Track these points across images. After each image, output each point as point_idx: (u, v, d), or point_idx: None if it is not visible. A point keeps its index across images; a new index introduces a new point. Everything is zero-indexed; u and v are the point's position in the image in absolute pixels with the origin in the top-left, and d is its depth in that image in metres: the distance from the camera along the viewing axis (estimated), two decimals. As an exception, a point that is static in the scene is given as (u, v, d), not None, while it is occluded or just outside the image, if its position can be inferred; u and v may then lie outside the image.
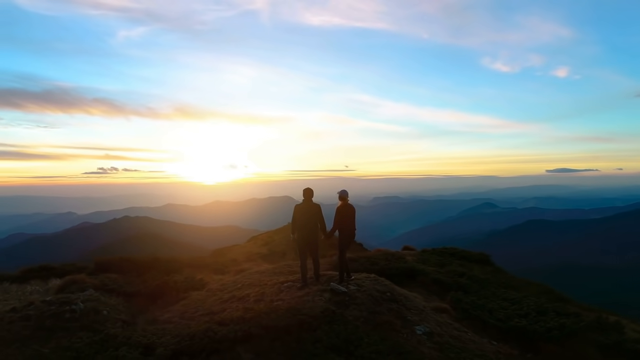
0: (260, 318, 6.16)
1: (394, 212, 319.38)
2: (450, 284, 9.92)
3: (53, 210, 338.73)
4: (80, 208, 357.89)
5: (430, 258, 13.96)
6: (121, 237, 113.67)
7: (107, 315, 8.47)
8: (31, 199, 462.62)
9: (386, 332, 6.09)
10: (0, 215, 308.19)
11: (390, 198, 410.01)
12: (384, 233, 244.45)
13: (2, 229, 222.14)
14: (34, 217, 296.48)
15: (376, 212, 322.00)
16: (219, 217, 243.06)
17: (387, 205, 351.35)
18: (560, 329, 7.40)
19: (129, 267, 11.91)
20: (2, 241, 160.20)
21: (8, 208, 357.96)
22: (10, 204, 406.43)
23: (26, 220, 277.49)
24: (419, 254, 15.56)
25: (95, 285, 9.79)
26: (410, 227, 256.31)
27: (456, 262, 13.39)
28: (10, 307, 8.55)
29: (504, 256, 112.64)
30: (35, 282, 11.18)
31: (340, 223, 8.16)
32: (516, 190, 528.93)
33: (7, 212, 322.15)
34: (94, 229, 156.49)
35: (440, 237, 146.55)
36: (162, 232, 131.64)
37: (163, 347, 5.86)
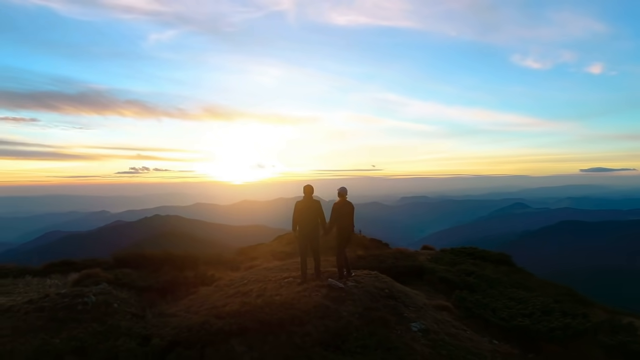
0: (255, 312, 6.27)
1: (422, 212, 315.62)
2: (457, 282, 9.81)
3: (88, 208, 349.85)
4: (114, 207, 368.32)
5: (444, 257, 13.83)
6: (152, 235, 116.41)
7: (117, 308, 8.76)
8: (67, 198, 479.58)
9: (378, 328, 6.10)
10: (38, 213, 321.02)
11: (418, 198, 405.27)
12: (412, 233, 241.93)
13: (39, 227, 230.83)
14: (69, 216, 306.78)
15: (404, 212, 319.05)
16: (247, 216, 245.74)
17: (415, 205, 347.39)
18: (564, 329, 7.24)
19: (145, 262, 12.26)
20: (39, 238, 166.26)
21: (45, 206, 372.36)
22: (48, 202, 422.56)
23: (62, 219, 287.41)
24: (434, 253, 15.44)
25: (109, 279, 10.14)
26: (438, 228, 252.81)
27: (469, 262, 13.21)
28: (27, 299, 8.96)
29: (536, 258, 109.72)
30: (56, 276, 11.66)
31: (336, 220, 8.20)
32: (549, 190, 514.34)
33: (45, 211, 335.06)
34: (126, 227, 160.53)
35: (469, 238, 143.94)
36: (192, 230, 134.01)
37: (159, 338, 6.05)
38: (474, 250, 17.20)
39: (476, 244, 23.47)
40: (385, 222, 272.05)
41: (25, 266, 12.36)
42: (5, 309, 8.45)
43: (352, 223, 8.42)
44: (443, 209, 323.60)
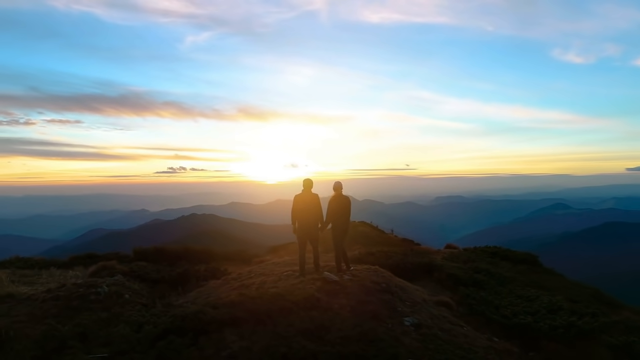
0: (247, 303, 6.40)
1: (458, 212, 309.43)
2: (465, 279, 9.64)
3: (128, 207, 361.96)
4: (152, 206, 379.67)
5: (461, 256, 13.60)
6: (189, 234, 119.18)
7: (128, 298, 9.13)
8: (109, 197, 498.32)
9: (367, 321, 6.09)
10: (82, 211, 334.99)
11: (453, 198, 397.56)
12: (447, 234, 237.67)
13: (83, 225, 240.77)
14: (111, 214, 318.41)
15: (438, 212, 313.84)
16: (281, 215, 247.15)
17: (450, 205, 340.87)
18: (567, 327, 7.02)
19: (162, 256, 12.67)
20: (83, 236, 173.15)
21: (89, 205, 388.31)
22: (91, 201, 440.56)
23: (104, 217, 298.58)
24: (453, 251, 15.19)
25: (124, 271, 10.55)
26: (474, 228, 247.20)
27: (486, 260, 12.95)
28: (46, 288, 9.45)
29: (577, 260, 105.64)
30: (79, 268, 12.20)
31: (333, 215, 8.22)
32: (592, 189, 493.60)
33: (88, 209, 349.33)
34: (164, 225, 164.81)
35: (507, 239, 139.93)
36: (227, 229, 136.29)
37: (153, 325, 6.26)
38: (497, 249, 16.82)
39: (513, 245, 22.76)
40: (420, 222, 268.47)
41: (51, 259, 13.00)
42: (25, 297, 8.95)
43: (348, 217, 8.42)
44: (479, 209, 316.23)
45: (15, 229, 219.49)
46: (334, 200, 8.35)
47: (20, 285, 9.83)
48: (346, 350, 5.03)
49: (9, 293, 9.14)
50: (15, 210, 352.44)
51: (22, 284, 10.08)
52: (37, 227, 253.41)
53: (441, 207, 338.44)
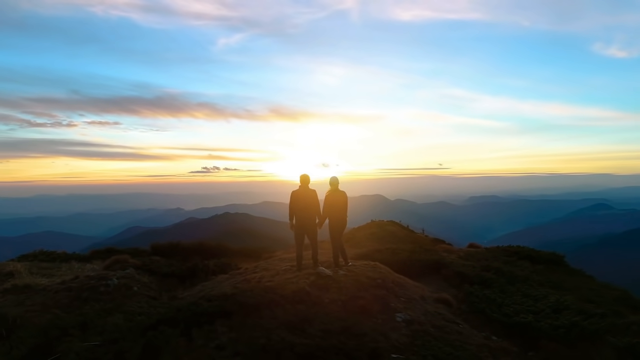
0: (238, 296, 6.48)
1: (492, 212, 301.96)
2: (472, 277, 9.42)
3: (164, 206, 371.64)
4: (187, 204, 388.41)
5: (476, 254, 13.28)
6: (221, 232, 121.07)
7: (136, 291, 9.41)
8: (146, 196, 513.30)
9: (355, 316, 6.06)
10: (121, 210, 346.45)
11: (487, 197, 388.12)
12: (481, 234, 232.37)
13: (122, 223, 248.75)
14: (148, 213, 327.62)
15: (472, 212, 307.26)
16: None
17: (485, 205, 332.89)
18: (570, 327, 6.75)
19: (177, 251, 12.97)
20: (122, 233, 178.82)
21: (127, 204, 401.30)
22: (129, 200, 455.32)
23: (141, 215, 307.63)
24: (470, 250, 14.87)
25: (137, 265, 10.85)
26: (510, 229, 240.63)
27: (502, 259, 12.60)
28: (61, 280, 9.85)
29: (620, 263, 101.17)
30: (97, 262, 12.66)
31: (328, 210, 8.19)
32: (637, 189, 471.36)
33: (126, 208, 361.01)
34: (198, 224, 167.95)
35: (544, 240, 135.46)
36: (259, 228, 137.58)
37: (146, 316, 6.42)
38: (520, 249, 16.37)
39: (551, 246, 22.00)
40: (453, 222, 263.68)
41: (72, 253, 13.51)
42: (41, 288, 9.36)
43: (345, 212, 8.38)
44: (515, 209, 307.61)
45: (58, 227, 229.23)
46: (330, 195, 8.32)
47: (38, 277, 10.27)
48: (325, 343, 5.03)
49: (26, 284, 9.58)
50: (58, 209, 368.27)
51: (41, 275, 10.53)
52: (79, 225, 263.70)
53: (475, 207, 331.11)
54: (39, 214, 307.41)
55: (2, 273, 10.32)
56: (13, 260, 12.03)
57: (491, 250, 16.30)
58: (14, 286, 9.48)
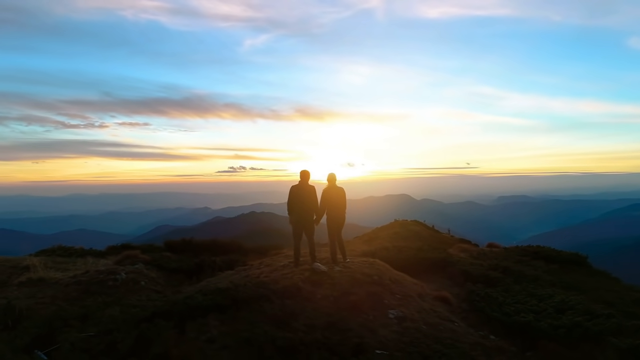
0: (231, 290, 6.55)
1: (522, 212, 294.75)
2: (477, 276, 9.24)
3: (192, 205, 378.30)
4: (214, 204, 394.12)
5: (489, 253, 13.03)
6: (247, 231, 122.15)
7: (143, 285, 9.63)
8: (174, 195, 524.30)
9: (344, 311, 6.03)
10: (150, 209, 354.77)
11: (517, 197, 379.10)
12: (510, 235, 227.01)
13: (151, 221, 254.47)
14: (176, 211, 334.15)
15: (501, 212, 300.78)
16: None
17: (514, 205, 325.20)
18: (571, 328, 6.54)
19: (189, 247, 13.20)
20: (151, 232, 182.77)
21: (156, 203, 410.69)
22: (158, 199, 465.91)
23: (170, 214, 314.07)
24: (481, 249, 14.60)
25: (146, 260, 11.09)
26: (540, 230, 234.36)
27: (514, 259, 12.32)
28: (73, 274, 10.17)
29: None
30: (112, 257, 12.98)
31: (326, 206, 8.17)
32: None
33: (155, 207, 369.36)
34: (225, 223, 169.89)
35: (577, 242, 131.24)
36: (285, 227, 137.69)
37: (141, 308, 6.56)
38: (540, 249, 15.97)
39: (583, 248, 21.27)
40: (481, 222, 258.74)
41: (89, 248, 13.91)
42: (54, 282, 9.69)
43: (343, 208, 8.34)
44: (546, 209, 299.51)
45: (91, 225, 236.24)
46: (327, 191, 8.30)
47: (53, 271, 10.61)
48: (308, 338, 5.03)
49: (40, 277, 9.93)
50: (91, 208, 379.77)
51: (56, 270, 10.86)
52: (110, 223, 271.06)
53: (504, 207, 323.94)
54: (72, 213, 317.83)
55: (19, 267, 10.70)
56: (31, 255, 12.46)
57: (509, 250, 15.95)
58: (29, 279, 9.84)
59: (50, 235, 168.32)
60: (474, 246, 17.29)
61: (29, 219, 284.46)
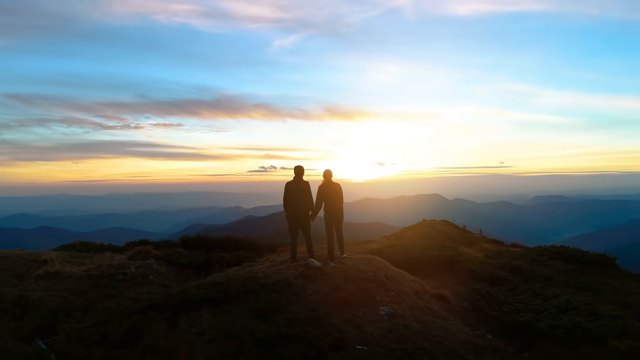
0: (224, 284, 6.63)
1: (559, 213, 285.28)
2: (483, 274, 9.02)
3: (224, 204, 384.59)
4: (246, 203, 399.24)
5: (506, 253, 12.69)
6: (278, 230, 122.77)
7: (152, 279, 9.87)
8: (206, 195, 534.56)
9: (331, 307, 6.01)
10: (183, 208, 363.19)
11: (554, 197, 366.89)
12: (546, 236, 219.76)
13: (184, 220, 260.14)
14: (209, 210, 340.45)
15: (537, 212, 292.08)
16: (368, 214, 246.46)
17: (551, 205, 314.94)
18: (571, 328, 6.29)
19: (202, 244, 13.42)
20: (184, 230, 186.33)
21: (189, 202, 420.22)
22: (191, 198, 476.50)
23: (203, 213, 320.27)
24: (498, 248, 14.23)
25: (158, 255, 11.36)
26: (579, 231, 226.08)
27: (530, 258, 11.95)
28: (87, 268, 10.53)
29: None
30: (128, 252, 13.36)
31: (322, 201, 8.14)
32: None
33: (188, 206, 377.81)
34: (256, 222, 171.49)
35: (617, 243, 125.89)
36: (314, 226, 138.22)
37: (136, 301, 6.72)
38: (564, 249, 15.44)
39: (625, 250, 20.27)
40: (515, 223, 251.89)
41: (108, 244, 14.36)
42: (68, 275, 10.06)
43: (340, 203, 8.30)
44: (585, 210, 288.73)
45: (127, 223, 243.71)
46: (324, 186, 8.29)
47: (70, 265, 11.01)
48: (287, 331, 5.04)
49: (57, 271, 10.33)
50: (127, 206, 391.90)
51: (73, 264, 11.27)
52: (146, 222, 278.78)
53: (540, 207, 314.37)
54: (109, 211, 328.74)
55: (39, 260, 11.16)
56: (52, 250, 12.97)
57: (531, 250, 15.51)
58: (46, 272, 10.26)
59: (89, 233, 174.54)
60: (496, 245, 16.88)
61: (69, 217, 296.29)
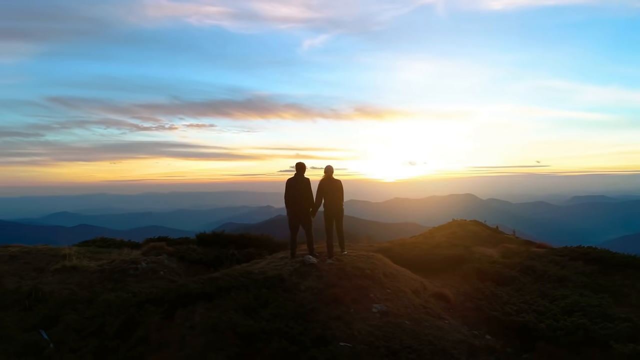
0: (219, 280, 6.69)
1: (600, 214, 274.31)
2: (491, 274, 8.74)
3: (255, 203, 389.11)
4: (276, 202, 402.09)
5: (519, 253, 12.26)
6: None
7: (162, 275, 10.08)
8: (238, 194, 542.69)
9: (325, 304, 5.95)
10: (216, 207, 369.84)
11: (594, 197, 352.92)
12: (586, 238, 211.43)
13: (217, 219, 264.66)
14: (241, 210, 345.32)
15: (576, 213, 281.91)
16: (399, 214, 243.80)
17: (590, 205, 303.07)
18: (573, 330, 6.01)
19: (218, 241, 13.60)
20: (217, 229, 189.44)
21: (222, 201, 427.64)
22: (223, 198, 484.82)
23: (235, 212, 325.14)
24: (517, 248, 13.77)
25: (170, 252, 11.58)
26: (620, 233, 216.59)
27: (548, 259, 11.51)
28: (101, 262, 10.84)
29: None
30: (143, 248, 13.68)
31: (321, 198, 8.09)
32: None
33: (221, 205, 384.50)
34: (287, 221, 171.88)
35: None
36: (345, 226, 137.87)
37: (133, 294, 6.86)
38: (591, 250, 14.83)
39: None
40: (553, 224, 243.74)
41: (128, 240, 14.75)
42: (83, 270, 10.37)
43: (340, 200, 8.23)
44: (628, 211, 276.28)
45: (162, 221, 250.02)
46: (324, 183, 8.23)
47: (87, 260, 11.35)
48: (270, 326, 5.04)
49: (74, 265, 10.67)
50: (162, 206, 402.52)
51: (90, 259, 11.61)
52: (180, 220, 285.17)
53: (579, 207, 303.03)
54: (145, 210, 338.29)
55: (58, 255, 11.56)
56: (73, 245, 13.43)
57: (556, 250, 14.98)
58: (63, 267, 10.61)
59: (126, 231, 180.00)
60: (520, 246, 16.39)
61: (107, 215, 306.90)
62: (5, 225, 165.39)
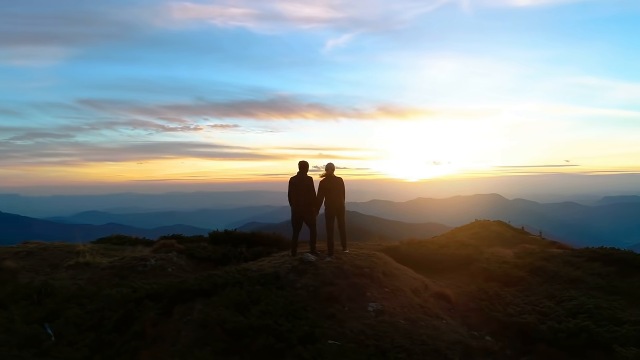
0: (216, 277, 6.74)
1: (632, 215, 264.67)
2: (497, 274, 8.52)
3: (278, 203, 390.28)
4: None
5: (534, 253, 11.91)
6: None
7: (170, 272, 10.23)
8: (262, 194, 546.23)
9: (319, 302, 5.92)
10: (240, 206, 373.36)
11: (626, 198, 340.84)
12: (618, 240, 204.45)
13: (241, 219, 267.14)
14: (264, 209, 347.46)
15: (607, 214, 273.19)
16: (422, 214, 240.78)
17: (622, 206, 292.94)
18: (577, 332, 5.80)
19: (230, 239, 13.70)
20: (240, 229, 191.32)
21: (245, 201, 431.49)
22: (247, 197, 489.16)
23: (259, 212, 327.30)
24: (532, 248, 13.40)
25: (180, 249, 11.73)
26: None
27: (564, 259, 11.15)
28: (112, 259, 11.06)
29: None
30: (154, 246, 13.90)
31: (323, 196, 8.04)
32: None
33: (245, 204, 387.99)
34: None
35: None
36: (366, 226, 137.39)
37: (132, 289, 6.97)
38: (614, 251, 14.30)
39: None
40: (582, 225, 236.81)
41: (143, 238, 15.01)
42: (95, 266, 10.62)
43: (341, 198, 8.16)
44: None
45: (187, 220, 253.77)
46: (325, 181, 8.19)
47: (100, 257, 11.60)
48: (259, 323, 5.03)
49: (86, 262, 10.94)
50: (187, 205, 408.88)
51: (103, 256, 11.87)
52: (205, 220, 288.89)
53: (611, 208, 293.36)
54: (171, 209, 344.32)
55: (73, 252, 11.85)
56: (89, 242, 13.76)
57: (575, 251, 14.54)
58: (77, 263, 10.89)
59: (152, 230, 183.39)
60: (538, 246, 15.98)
61: (134, 214, 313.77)
62: (38, 223, 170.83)
